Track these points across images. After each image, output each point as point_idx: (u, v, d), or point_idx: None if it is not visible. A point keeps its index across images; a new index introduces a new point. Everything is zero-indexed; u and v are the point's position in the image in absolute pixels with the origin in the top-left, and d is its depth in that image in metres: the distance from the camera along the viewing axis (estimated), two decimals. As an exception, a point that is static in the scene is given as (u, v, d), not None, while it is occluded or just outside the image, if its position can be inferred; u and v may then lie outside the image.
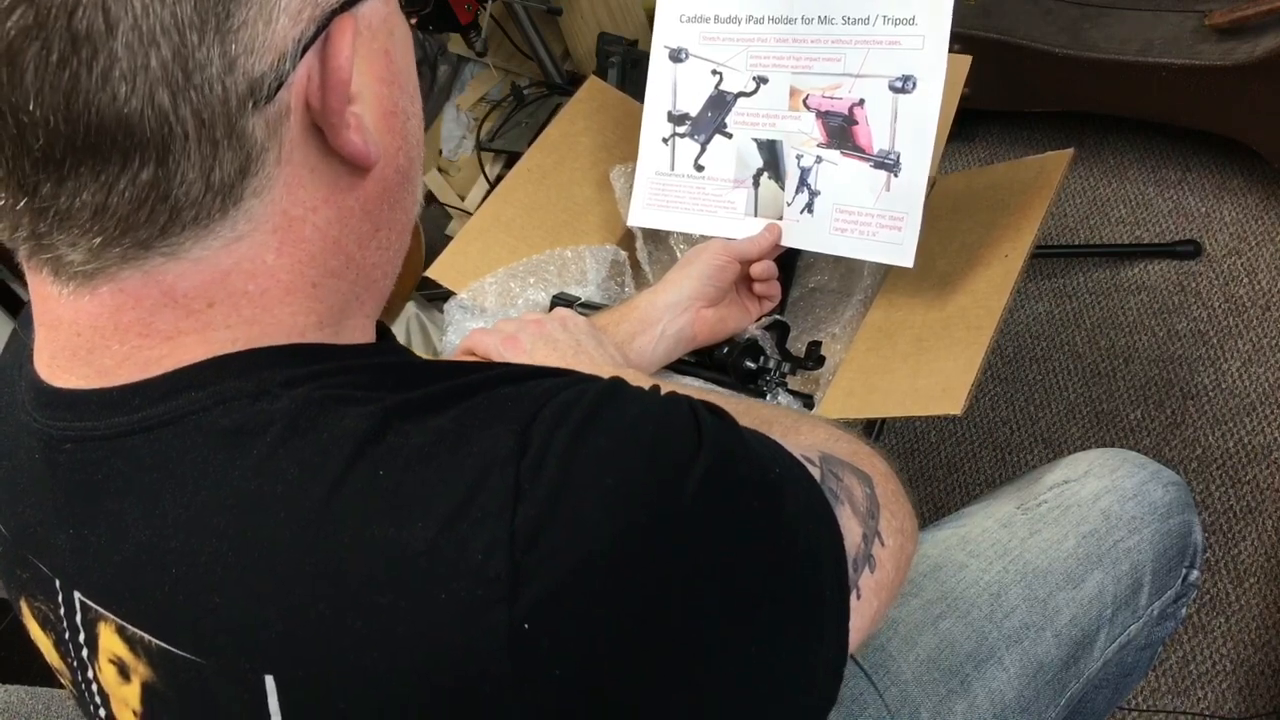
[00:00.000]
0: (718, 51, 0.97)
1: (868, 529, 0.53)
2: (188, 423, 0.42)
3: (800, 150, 0.94)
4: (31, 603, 0.50)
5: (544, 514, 0.39)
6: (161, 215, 0.40)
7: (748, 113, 0.97)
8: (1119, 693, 0.85)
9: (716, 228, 0.98)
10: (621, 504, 0.40)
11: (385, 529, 0.39)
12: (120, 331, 0.43)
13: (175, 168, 0.39)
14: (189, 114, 0.39)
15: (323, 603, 0.39)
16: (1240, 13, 1.39)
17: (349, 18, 0.42)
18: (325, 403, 0.42)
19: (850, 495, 0.53)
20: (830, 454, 0.56)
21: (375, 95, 0.45)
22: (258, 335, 0.44)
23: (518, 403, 0.43)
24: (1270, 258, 1.51)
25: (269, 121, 0.41)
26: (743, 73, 0.96)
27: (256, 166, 0.41)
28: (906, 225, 0.89)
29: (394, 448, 0.41)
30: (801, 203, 0.94)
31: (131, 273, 0.42)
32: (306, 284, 0.45)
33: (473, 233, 1.06)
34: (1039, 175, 0.96)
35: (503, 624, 0.37)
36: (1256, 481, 1.33)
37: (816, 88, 0.92)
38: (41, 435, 0.45)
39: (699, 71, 0.98)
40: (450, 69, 1.97)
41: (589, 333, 0.83)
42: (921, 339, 0.90)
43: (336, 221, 0.45)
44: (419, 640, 0.38)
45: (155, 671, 0.44)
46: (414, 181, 0.50)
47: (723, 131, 0.98)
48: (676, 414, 0.46)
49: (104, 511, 0.43)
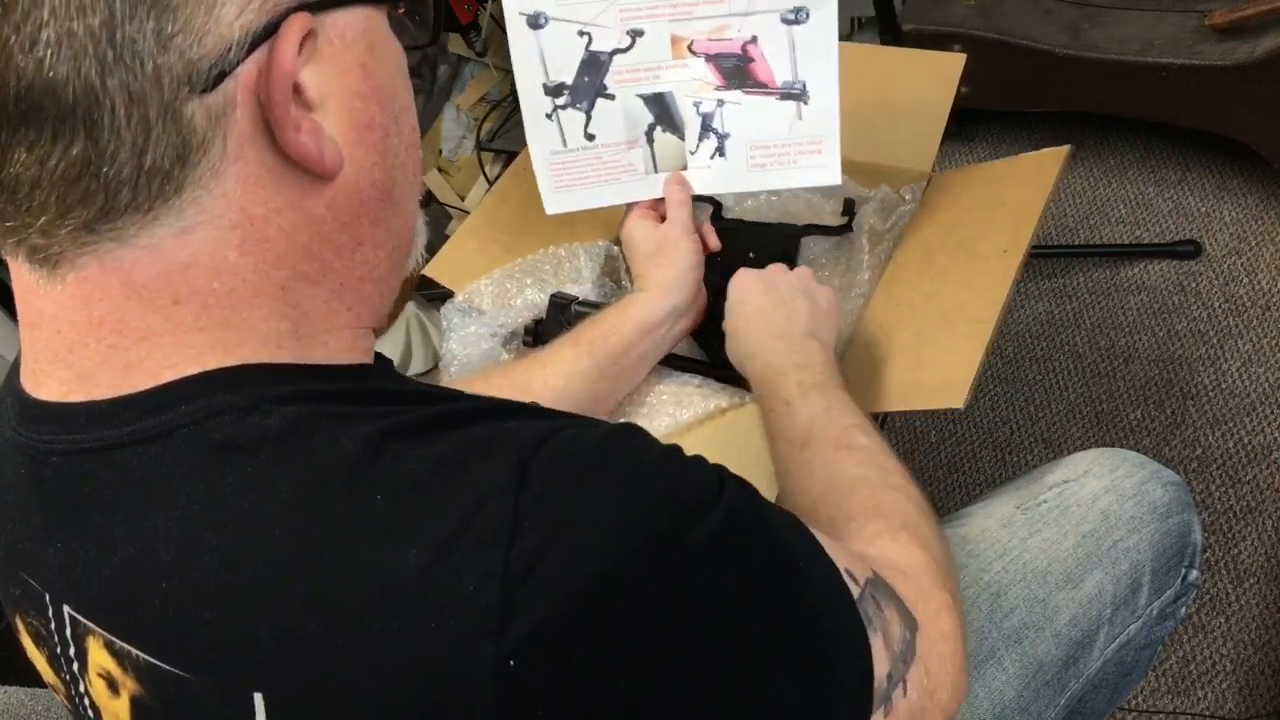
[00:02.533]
0: (579, 10, 0.89)
1: (895, 669, 0.51)
2: (178, 437, 0.41)
3: (697, 97, 0.91)
4: (25, 619, 0.50)
5: (540, 549, 0.39)
6: (97, 195, 0.40)
7: (627, 69, 0.90)
8: (1119, 692, 0.85)
9: (625, 194, 0.95)
10: (621, 546, 0.40)
11: (379, 553, 0.39)
12: (94, 327, 0.43)
13: (106, 144, 0.39)
14: (117, 87, 0.38)
15: (314, 623, 0.39)
16: (1240, 13, 1.39)
17: (303, 18, 0.42)
18: (319, 421, 0.42)
19: (886, 628, 0.52)
20: (883, 580, 0.54)
21: (345, 107, 0.45)
22: (234, 340, 0.43)
23: (519, 435, 0.42)
24: (1270, 258, 1.51)
25: (211, 111, 0.40)
26: (613, 29, 0.89)
27: (198, 155, 0.41)
28: (826, 146, 0.88)
29: (390, 471, 0.40)
30: (709, 148, 0.92)
31: (88, 259, 0.42)
32: (274, 286, 0.44)
33: (470, 230, 1.06)
34: (1036, 172, 0.96)
35: (489, 656, 0.37)
36: (1256, 481, 1.33)
37: (701, 32, 0.88)
38: (27, 449, 0.45)
39: (564, 34, 0.90)
40: (450, 69, 1.97)
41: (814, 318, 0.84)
42: (921, 333, 0.90)
43: (305, 227, 0.44)
44: (407, 666, 0.38)
45: (143, 686, 0.44)
46: (399, 203, 0.49)
47: (604, 94, 0.91)
48: (698, 469, 0.46)
49: (91, 525, 0.43)
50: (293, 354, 0.45)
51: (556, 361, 0.85)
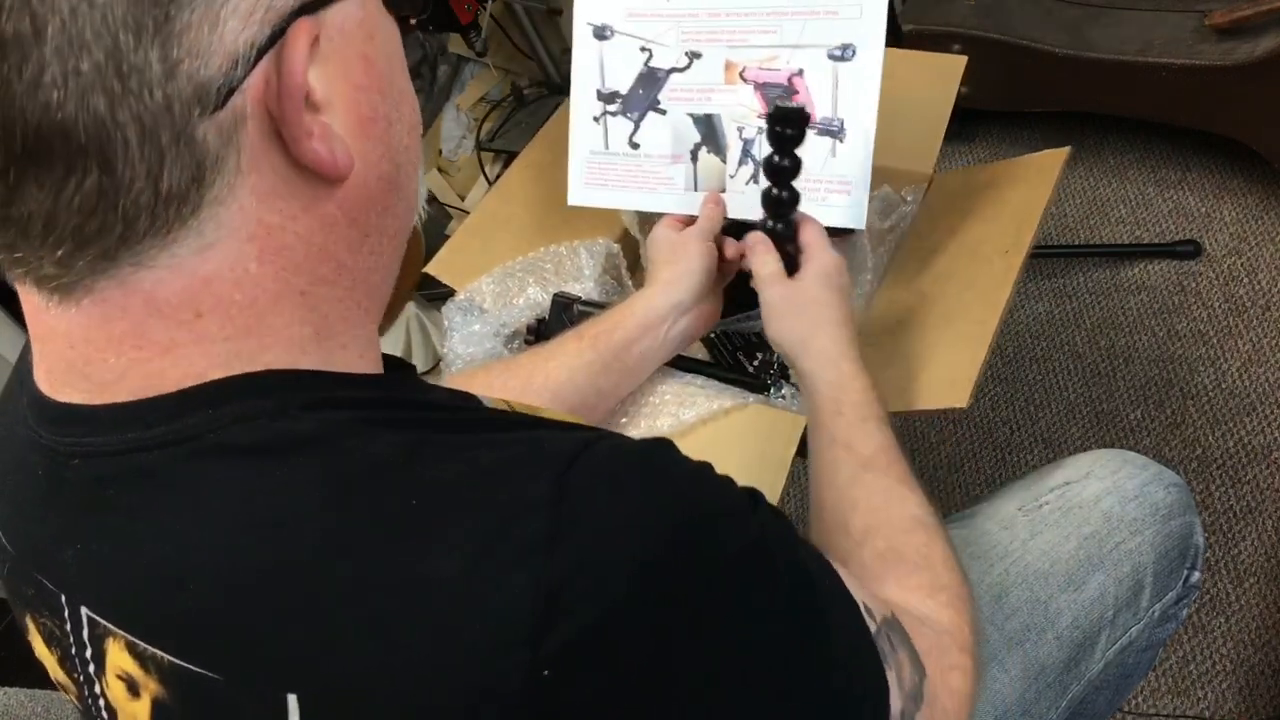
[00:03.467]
0: (645, 28, 0.94)
1: (907, 708, 0.52)
2: (205, 440, 0.41)
3: (741, 123, 0.93)
4: (37, 619, 0.50)
5: (577, 561, 0.39)
6: (115, 224, 0.39)
7: (681, 88, 0.95)
8: (1120, 694, 0.85)
9: (658, 204, 0.96)
10: (656, 562, 0.40)
11: (415, 559, 0.39)
12: (114, 343, 0.42)
13: (121, 175, 0.38)
14: (129, 119, 0.37)
15: (349, 627, 0.39)
16: (1240, 13, 1.39)
17: (308, 22, 0.41)
18: (353, 426, 0.42)
19: (899, 668, 0.52)
20: (899, 623, 0.55)
21: (350, 102, 0.44)
22: (257, 347, 0.43)
23: (555, 446, 0.42)
24: (1270, 258, 1.51)
25: (222, 128, 0.40)
26: (674, 48, 0.94)
27: (213, 175, 0.40)
28: (855, 188, 0.89)
29: (426, 479, 0.40)
30: (746, 174, 0.93)
31: (106, 283, 0.41)
32: (294, 292, 0.44)
33: (472, 229, 1.06)
34: (1037, 173, 0.96)
35: (523, 668, 0.37)
36: (1256, 481, 1.33)
37: (753, 60, 0.91)
38: (47, 450, 0.45)
39: (627, 48, 0.95)
40: (450, 69, 1.97)
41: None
42: (924, 333, 0.90)
43: (320, 230, 0.44)
44: (441, 673, 0.38)
45: (167, 688, 0.44)
46: (403, 188, 0.48)
47: (656, 108, 0.96)
48: (730, 488, 0.46)
49: (114, 527, 0.43)
50: (315, 359, 0.45)
51: (560, 354, 0.85)
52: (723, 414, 0.89)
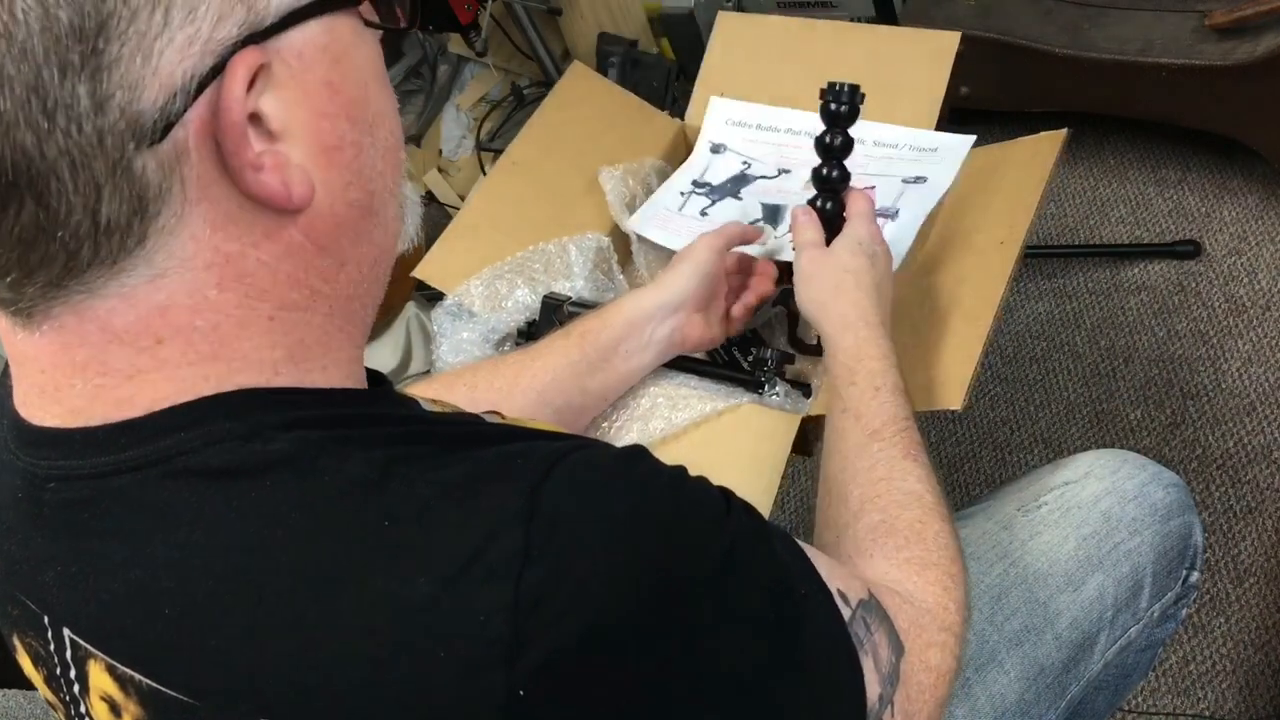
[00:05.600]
0: (752, 150, 1.10)
1: (884, 691, 0.52)
2: (176, 463, 0.41)
3: None
4: (23, 639, 0.50)
5: (550, 579, 0.39)
6: (58, 254, 0.39)
7: (763, 189, 1.06)
8: (1119, 694, 0.85)
9: None
10: (631, 576, 0.40)
11: (388, 581, 0.39)
12: (79, 369, 0.42)
13: (56, 208, 0.38)
14: (57, 154, 0.37)
15: (322, 650, 0.39)
16: (1240, 13, 1.39)
17: (253, 52, 0.39)
18: (324, 445, 0.41)
19: (876, 651, 0.52)
20: (877, 602, 0.55)
21: (312, 130, 0.42)
22: (225, 371, 0.43)
23: (528, 460, 0.42)
24: (1270, 258, 1.51)
25: (164, 160, 0.39)
26: (769, 163, 1.08)
27: (157, 205, 0.39)
28: (896, 254, 0.90)
29: (399, 497, 0.40)
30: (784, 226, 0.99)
31: (61, 309, 0.41)
32: (261, 318, 0.43)
33: (459, 230, 1.05)
34: (1034, 156, 0.95)
35: (500, 688, 0.37)
36: (1256, 481, 1.33)
37: None
38: (25, 473, 0.45)
39: (731, 160, 1.10)
40: (450, 69, 1.97)
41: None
42: (919, 331, 0.89)
43: (286, 257, 0.43)
44: (416, 695, 0.38)
45: (146, 710, 0.44)
46: (379, 214, 0.47)
47: (735, 196, 1.07)
48: (705, 493, 0.46)
49: (90, 550, 0.43)
50: (290, 379, 0.44)
51: (546, 354, 0.84)
52: (715, 416, 0.88)
